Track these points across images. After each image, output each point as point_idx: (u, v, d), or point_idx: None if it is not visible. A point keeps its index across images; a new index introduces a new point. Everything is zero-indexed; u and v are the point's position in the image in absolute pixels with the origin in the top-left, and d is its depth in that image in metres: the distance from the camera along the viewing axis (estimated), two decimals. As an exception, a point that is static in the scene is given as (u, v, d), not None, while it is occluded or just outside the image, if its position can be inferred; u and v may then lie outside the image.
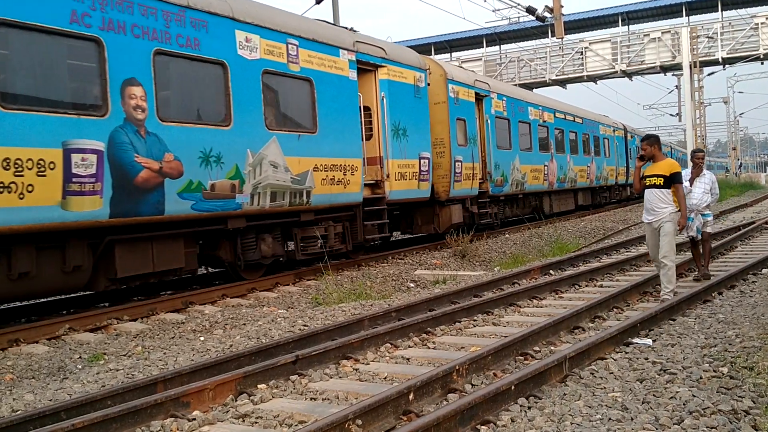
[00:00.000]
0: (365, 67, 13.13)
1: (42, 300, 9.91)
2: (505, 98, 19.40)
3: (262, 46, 10.49)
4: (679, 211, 8.10)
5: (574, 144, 25.23)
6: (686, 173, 9.54)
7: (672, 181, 8.05)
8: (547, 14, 22.48)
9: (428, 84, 15.12)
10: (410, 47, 30.20)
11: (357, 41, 12.81)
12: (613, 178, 30.54)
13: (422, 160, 14.53)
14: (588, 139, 26.94)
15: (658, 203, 8.06)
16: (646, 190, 8.22)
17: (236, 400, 5.06)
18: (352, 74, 12.49)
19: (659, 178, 8.07)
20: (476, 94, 17.56)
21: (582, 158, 26.10)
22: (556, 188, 23.12)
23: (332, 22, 19.89)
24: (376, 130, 13.46)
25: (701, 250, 9.79)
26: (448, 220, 15.76)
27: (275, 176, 10.56)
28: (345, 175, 12.10)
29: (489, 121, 18.23)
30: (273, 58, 10.72)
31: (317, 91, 11.54)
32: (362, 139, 12.75)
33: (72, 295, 9.83)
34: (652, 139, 8.21)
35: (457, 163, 15.84)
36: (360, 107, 12.67)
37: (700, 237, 9.70)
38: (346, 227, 12.57)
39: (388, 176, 13.43)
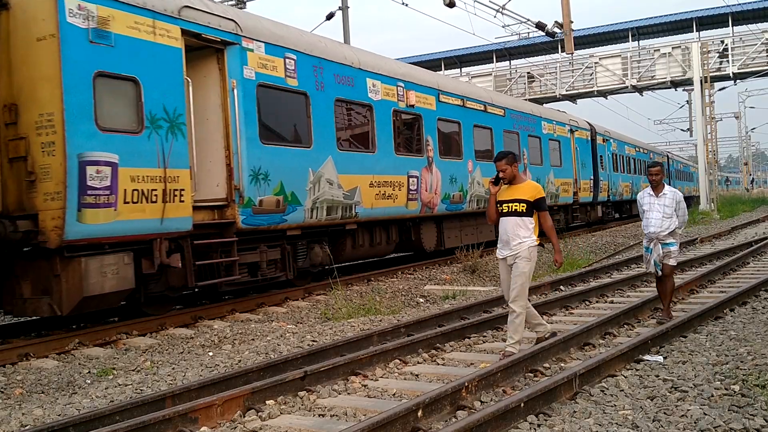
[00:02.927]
0: None
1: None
2: (292, 55, 10.84)
3: None
4: (539, 244, 6.71)
5: (484, 145, 17.38)
6: (642, 194, 8.03)
7: (537, 207, 6.52)
8: (556, 30, 22.45)
9: None
10: (419, 63, 29.77)
11: None
12: (569, 194, 22.78)
13: None
14: (516, 139, 19.17)
15: (519, 233, 6.46)
16: (502, 219, 6.60)
17: (244, 416, 5.05)
18: None
19: (521, 204, 6.49)
20: (195, 35, 9.25)
21: None
22: (445, 211, 15.28)
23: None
24: None
25: (665, 288, 8.00)
26: (77, 288, 7.80)
27: None
28: None
29: (238, 92, 9.78)
30: None
31: None
32: None
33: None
34: (510, 157, 6.58)
35: (91, 168, 7.82)
36: None
37: (660, 272, 7.90)
38: None
39: None
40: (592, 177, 25.27)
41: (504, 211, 6.57)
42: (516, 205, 6.50)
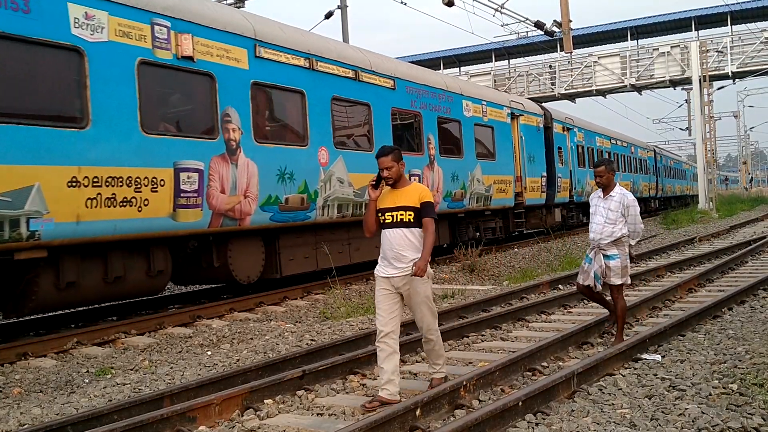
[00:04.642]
0: None
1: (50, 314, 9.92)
2: None
3: None
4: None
5: (355, 128, 12.96)
6: (593, 195, 7.00)
7: (424, 213, 5.29)
8: (555, 29, 22.42)
9: None
10: (418, 62, 29.77)
11: None
12: (509, 195, 18.28)
13: None
14: (418, 121, 14.45)
15: (407, 249, 5.24)
16: (385, 231, 5.37)
17: (242, 416, 5.05)
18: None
19: (407, 212, 5.27)
20: None
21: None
22: (269, 223, 10.44)
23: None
24: None
25: (610, 303, 7.08)
26: None
27: None
28: None
29: None
30: None
31: None
32: None
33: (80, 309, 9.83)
34: (397, 153, 5.34)
35: None
36: None
37: (600, 288, 6.88)
38: None
39: None
40: (545, 173, 20.83)
41: (387, 221, 5.33)
42: (401, 214, 5.29)
